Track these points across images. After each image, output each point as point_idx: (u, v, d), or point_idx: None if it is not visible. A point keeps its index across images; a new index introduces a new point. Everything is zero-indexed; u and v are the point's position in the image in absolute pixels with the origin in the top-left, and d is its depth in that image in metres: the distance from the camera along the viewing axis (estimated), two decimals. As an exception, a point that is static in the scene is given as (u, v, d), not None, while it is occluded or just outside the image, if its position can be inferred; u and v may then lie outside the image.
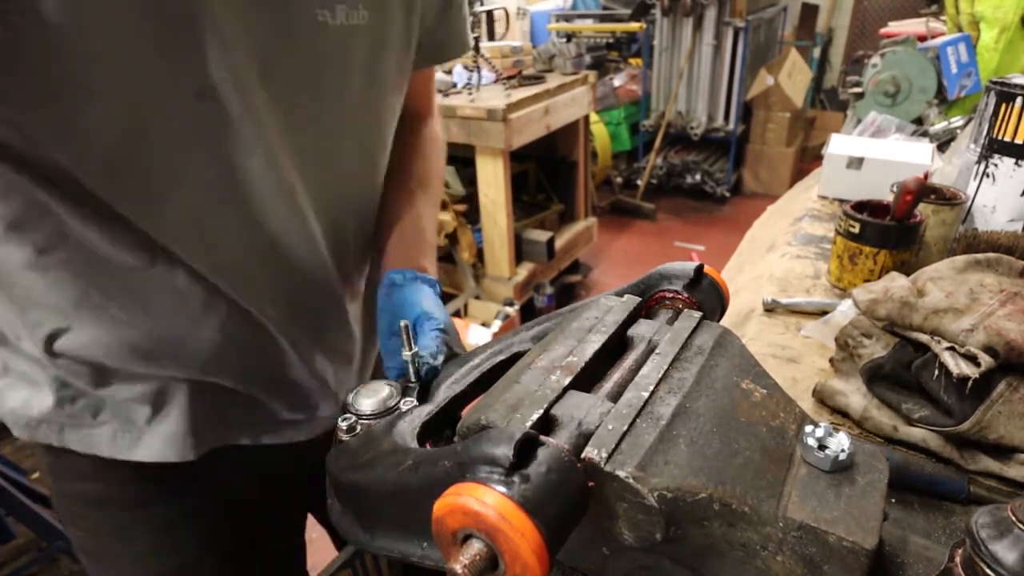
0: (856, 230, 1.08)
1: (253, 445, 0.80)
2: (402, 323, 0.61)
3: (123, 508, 0.78)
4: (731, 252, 1.95)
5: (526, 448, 0.38)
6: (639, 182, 5.29)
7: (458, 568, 0.36)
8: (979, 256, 0.84)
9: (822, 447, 0.47)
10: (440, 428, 0.59)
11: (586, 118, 3.64)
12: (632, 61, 5.53)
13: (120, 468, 0.73)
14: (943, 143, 1.81)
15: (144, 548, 0.80)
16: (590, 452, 0.42)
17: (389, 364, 0.69)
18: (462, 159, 3.19)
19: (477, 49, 3.14)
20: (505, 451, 0.37)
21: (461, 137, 2.93)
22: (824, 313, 1.07)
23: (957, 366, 0.68)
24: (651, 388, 0.48)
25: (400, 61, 0.76)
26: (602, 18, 5.43)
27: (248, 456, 0.80)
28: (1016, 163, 1.07)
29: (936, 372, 0.72)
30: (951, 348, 0.70)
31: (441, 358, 0.66)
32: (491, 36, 3.90)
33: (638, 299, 0.61)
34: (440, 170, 0.97)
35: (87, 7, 0.48)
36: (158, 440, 0.72)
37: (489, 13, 3.92)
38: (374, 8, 0.67)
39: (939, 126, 1.91)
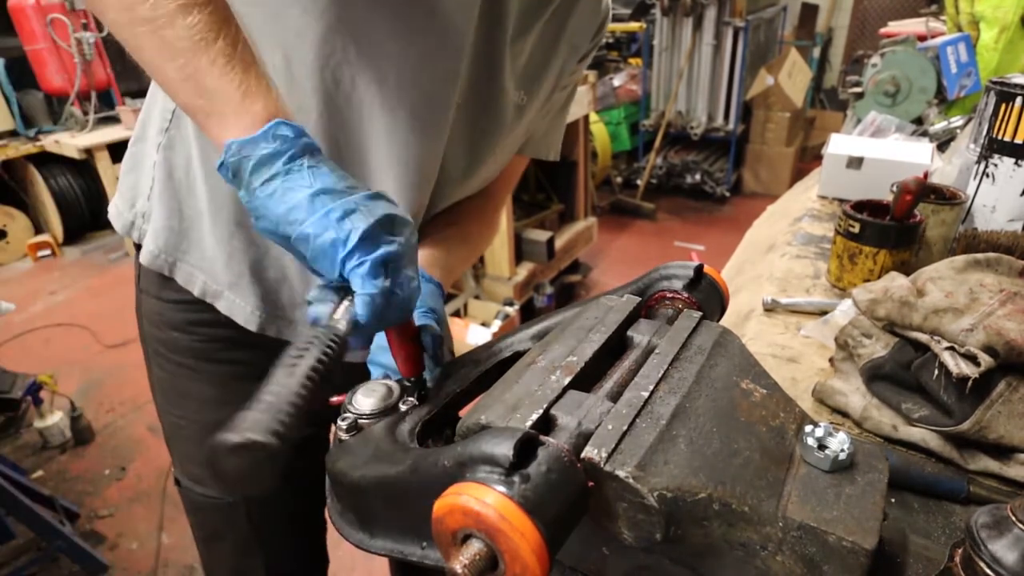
0: (856, 230, 1.08)
1: None
2: None
3: (195, 357, 0.92)
4: (731, 252, 1.95)
5: (526, 448, 0.38)
6: (639, 182, 5.28)
7: (458, 568, 0.36)
8: (979, 256, 0.84)
9: (822, 447, 0.47)
10: (440, 428, 0.59)
11: (586, 118, 3.64)
12: (632, 61, 5.52)
13: (201, 325, 0.89)
14: (943, 143, 1.81)
15: (205, 396, 0.95)
16: (590, 452, 0.42)
17: (380, 359, 0.69)
18: (462, 159, 3.18)
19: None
20: (505, 451, 0.37)
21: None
22: (824, 313, 1.07)
23: (957, 366, 0.68)
24: (651, 388, 0.48)
25: (519, 136, 0.93)
26: (602, 18, 5.42)
27: None
28: (1016, 163, 1.07)
29: (936, 372, 0.72)
30: (951, 348, 0.70)
31: (436, 365, 0.67)
32: (491, 36, 3.89)
33: (638, 299, 0.61)
34: (485, 244, 1.08)
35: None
36: (228, 303, 0.85)
37: (489, 13, 3.92)
38: (531, 95, 0.87)
39: (939, 126, 1.91)
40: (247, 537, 1.01)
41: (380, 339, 0.71)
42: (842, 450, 0.47)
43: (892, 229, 1.05)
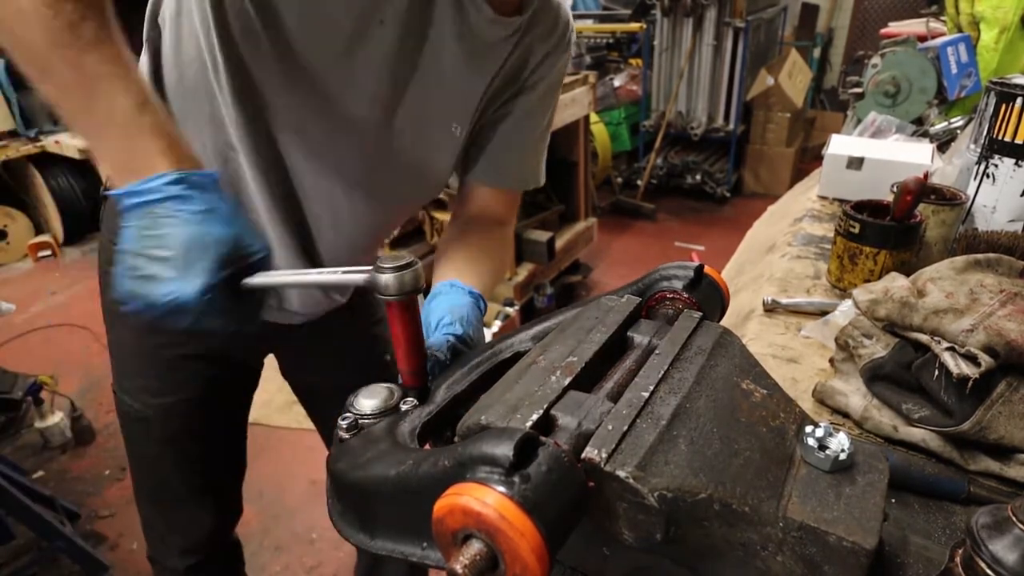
0: (856, 230, 1.08)
1: None
2: None
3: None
4: (731, 252, 1.95)
5: (526, 448, 0.38)
6: (639, 182, 5.28)
7: (458, 568, 0.36)
8: (979, 256, 0.84)
9: (822, 447, 0.47)
10: (440, 428, 0.59)
11: (586, 118, 3.63)
12: (632, 61, 5.52)
13: None
14: (943, 143, 1.81)
15: (156, 381, 1.05)
16: (590, 452, 0.42)
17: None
18: (462, 159, 3.18)
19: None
20: (505, 451, 0.37)
21: (461, 137, 2.92)
22: (824, 313, 1.06)
23: (957, 366, 0.68)
24: (651, 388, 0.48)
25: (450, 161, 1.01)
26: (602, 18, 5.43)
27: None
28: (1016, 163, 1.07)
29: (936, 372, 0.72)
30: (951, 348, 0.70)
31: (446, 355, 0.72)
32: (491, 36, 3.89)
33: (638, 299, 0.61)
34: (505, 265, 1.17)
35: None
36: None
37: (489, 13, 3.91)
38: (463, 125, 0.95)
39: (939, 126, 1.91)
40: (161, 452, 1.11)
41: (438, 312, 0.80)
42: (842, 450, 0.47)
43: (892, 229, 1.05)
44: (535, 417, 0.44)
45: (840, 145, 1.60)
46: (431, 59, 0.85)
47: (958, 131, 1.81)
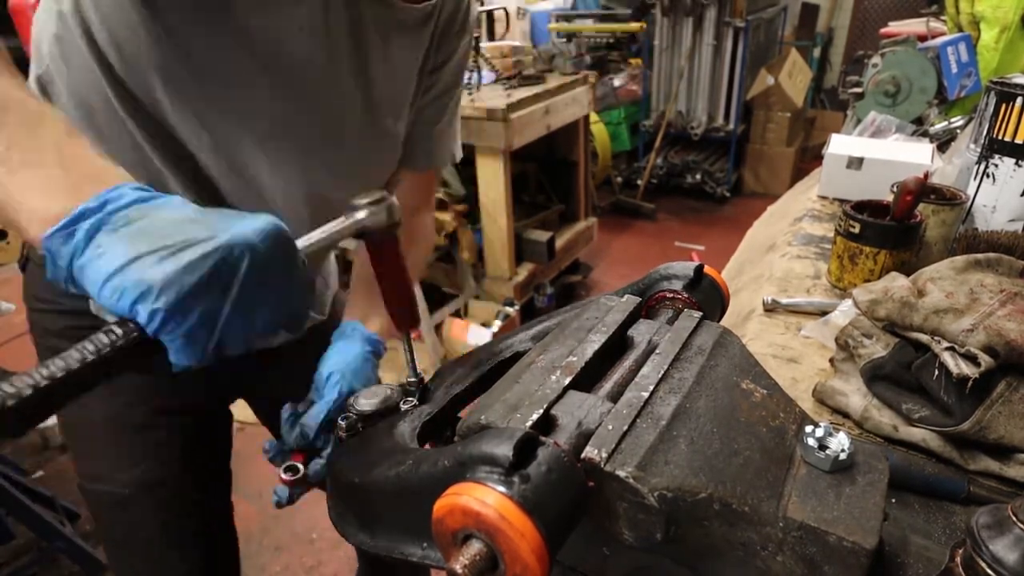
0: (856, 230, 1.08)
1: None
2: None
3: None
4: (731, 252, 1.95)
5: (526, 448, 0.38)
6: (639, 182, 5.28)
7: (458, 568, 0.36)
8: (979, 256, 0.84)
9: (822, 447, 0.47)
10: (440, 428, 0.59)
11: (586, 118, 3.63)
12: (632, 61, 5.52)
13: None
14: (943, 143, 1.81)
15: (129, 448, 0.96)
16: (590, 452, 0.42)
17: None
18: (462, 159, 3.18)
19: (477, 49, 3.14)
20: (505, 451, 0.37)
21: (461, 137, 2.92)
22: (824, 313, 1.06)
23: (957, 366, 0.68)
24: (651, 388, 0.48)
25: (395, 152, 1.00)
26: (602, 18, 5.42)
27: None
28: (1016, 163, 1.07)
29: (936, 372, 0.72)
30: (951, 348, 0.70)
31: (323, 439, 0.72)
32: (491, 36, 3.90)
33: (638, 299, 0.61)
34: (423, 256, 1.16)
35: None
36: None
37: (489, 13, 3.93)
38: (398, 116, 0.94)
39: (939, 126, 1.91)
40: (151, 534, 0.99)
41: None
42: (842, 450, 0.47)
43: (892, 229, 1.05)
44: (535, 417, 0.44)
45: (840, 145, 1.60)
46: (378, 64, 0.85)
47: (958, 131, 1.81)
